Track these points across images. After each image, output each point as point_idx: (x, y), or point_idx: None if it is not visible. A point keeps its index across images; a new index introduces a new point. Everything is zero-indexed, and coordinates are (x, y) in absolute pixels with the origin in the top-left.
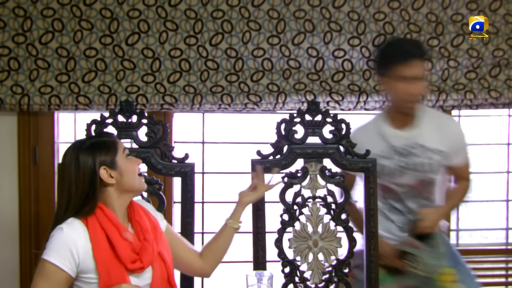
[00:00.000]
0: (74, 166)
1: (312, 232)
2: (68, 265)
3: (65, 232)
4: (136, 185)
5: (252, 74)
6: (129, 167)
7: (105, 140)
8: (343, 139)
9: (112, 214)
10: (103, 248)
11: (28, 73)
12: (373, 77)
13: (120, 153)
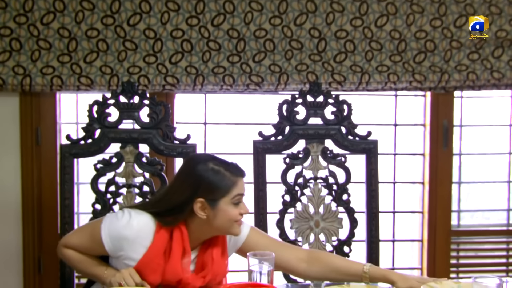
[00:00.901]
0: (188, 174)
1: (314, 213)
2: (111, 248)
3: (130, 225)
4: (226, 230)
5: (254, 55)
6: (229, 214)
7: (224, 178)
8: (345, 120)
9: (187, 238)
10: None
11: (30, 54)
12: (375, 58)
13: (229, 198)
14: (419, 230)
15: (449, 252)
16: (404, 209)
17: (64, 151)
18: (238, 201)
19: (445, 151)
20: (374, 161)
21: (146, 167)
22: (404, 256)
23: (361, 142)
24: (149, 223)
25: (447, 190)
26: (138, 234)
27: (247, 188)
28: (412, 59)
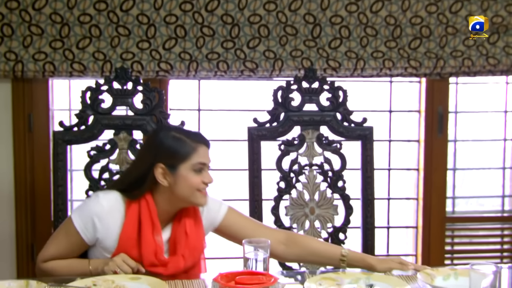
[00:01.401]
0: (150, 142)
1: (309, 200)
2: (86, 233)
3: (99, 203)
4: (189, 199)
5: (249, 40)
6: (189, 181)
7: (183, 144)
8: (340, 107)
9: (154, 210)
10: (131, 238)
11: (22, 40)
12: (370, 44)
13: (188, 164)
14: (414, 217)
15: (444, 239)
16: (399, 195)
17: (57, 138)
18: (199, 169)
19: (440, 138)
20: (370, 148)
21: None
22: (398, 243)
23: (357, 128)
24: (118, 199)
25: (442, 177)
26: (109, 210)
27: (242, 175)
28: (407, 45)
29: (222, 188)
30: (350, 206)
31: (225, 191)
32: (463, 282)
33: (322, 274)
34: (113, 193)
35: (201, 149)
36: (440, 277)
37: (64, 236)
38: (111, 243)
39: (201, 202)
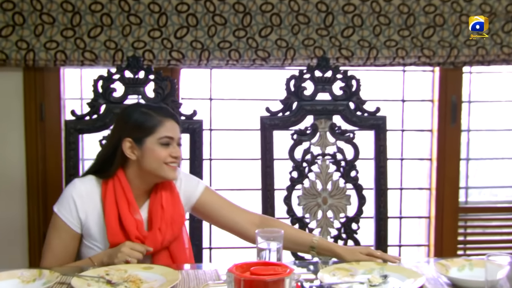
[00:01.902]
0: (118, 120)
1: (321, 190)
2: (71, 219)
3: (75, 186)
4: (157, 172)
5: (261, 29)
6: (156, 154)
7: (149, 117)
8: (354, 96)
9: (128, 187)
10: (113, 219)
11: (33, 28)
12: (383, 33)
13: (154, 137)
14: (427, 207)
15: (457, 229)
16: (412, 185)
17: (69, 127)
18: (166, 142)
19: (453, 127)
20: (383, 137)
21: None
22: (411, 233)
23: (370, 118)
24: (93, 181)
25: (455, 167)
26: (86, 192)
27: (255, 164)
28: (420, 34)
29: (235, 177)
30: (363, 196)
31: (237, 181)
32: (478, 273)
33: (336, 264)
34: (87, 177)
35: (168, 123)
36: (455, 268)
37: (55, 236)
38: (96, 229)
39: (169, 175)
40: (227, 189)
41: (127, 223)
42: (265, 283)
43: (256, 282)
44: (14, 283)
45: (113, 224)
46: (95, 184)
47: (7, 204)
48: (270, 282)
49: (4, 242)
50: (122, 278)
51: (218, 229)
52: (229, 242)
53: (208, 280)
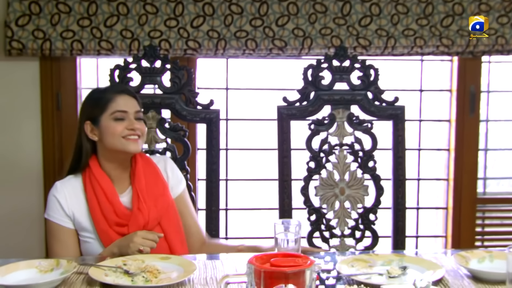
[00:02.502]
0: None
1: (339, 180)
2: (62, 219)
3: (57, 187)
4: (118, 148)
5: (277, 18)
6: (111, 129)
7: (101, 96)
8: (372, 85)
9: (101, 174)
10: (96, 208)
11: (50, 18)
12: (401, 22)
13: (107, 114)
14: (444, 198)
15: (475, 220)
16: (429, 176)
17: None
18: (119, 117)
19: (472, 118)
20: (401, 128)
21: (169, 133)
22: (428, 224)
23: (388, 107)
24: (72, 178)
25: (473, 157)
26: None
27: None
28: (439, 23)
29: (251, 168)
30: (381, 186)
31: (254, 171)
32: (499, 265)
33: (354, 255)
34: (66, 177)
35: (119, 97)
36: (474, 259)
37: (53, 241)
38: (86, 221)
39: (129, 148)
40: (244, 179)
41: (106, 210)
42: (285, 275)
43: (276, 274)
44: (32, 272)
45: (97, 213)
46: (75, 180)
47: (24, 193)
48: (290, 274)
49: (21, 231)
50: (139, 268)
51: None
52: (245, 232)
53: (225, 270)
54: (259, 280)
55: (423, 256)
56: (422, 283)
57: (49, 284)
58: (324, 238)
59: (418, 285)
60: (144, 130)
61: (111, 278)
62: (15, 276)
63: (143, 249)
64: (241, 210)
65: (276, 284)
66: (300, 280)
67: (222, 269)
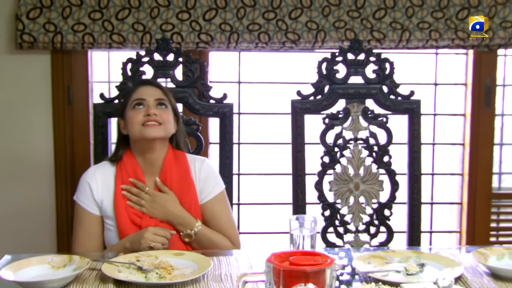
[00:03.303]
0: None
1: (354, 175)
2: (90, 205)
3: (90, 172)
4: (139, 135)
5: (291, 11)
6: (130, 118)
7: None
8: (387, 79)
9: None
10: (121, 198)
11: (61, 11)
12: (416, 15)
13: (129, 104)
14: (459, 193)
15: (489, 216)
16: (444, 171)
17: (98, 110)
18: (137, 103)
19: (487, 112)
20: (417, 122)
21: None
22: (442, 219)
23: (404, 102)
24: (107, 165)
25: (489, 152)
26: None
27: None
28: (454, 16)
29: (265, 162)
30: (396, 181)
31: (267, 165)
32: None
33: (370, 252)
34: (102, 162)
35: (140, 88)
36: (493, 256)
37: (78, 225)
38: (109, 208)
39: (147, 134)
40: (257, 174)
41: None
42: (305, 274)
43: (296, 273)
44: (44, 268)
45: (120, 200)
46: (109, 168)
47: (36, 187)
48: (311, 273)
49: (33, 225)
50: (153, 265)
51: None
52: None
53: (240, 267)
54: (278, 279)
55: (440, 253)
56: (444, 283)
57: (61, 280)
58: (338, 233)
59: (441, 284)
60: (166, 117)
61: (124, 274)
62: (28, 272)
63: (154, 245)
64: (253, 205)
65: (296, 283)
66: (320, 279)
67: (236, 265)
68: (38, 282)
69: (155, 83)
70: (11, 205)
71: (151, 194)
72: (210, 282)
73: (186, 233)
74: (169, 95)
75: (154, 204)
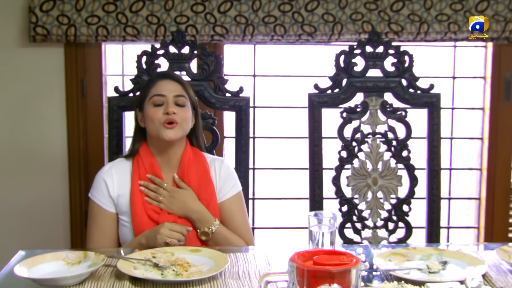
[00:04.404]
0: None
1: (372, 170)
2: (105, 202)
3: (106, 169)
4: (157, 134)
5: (307, 3)
6: (149, 115)
7: (148, 81)
8: (406, 72)
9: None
10: (138, 192)
11: (74, 3)
12: (434, 7)
13: (148, 99)
14: (477, 188)
15: (508, 211)
16: (461, 165)
17: (113, 104)
18: (158, 102)
19: (507, 105)
20: (437, 116)
21: None
22: (460, 215)
23: (423, 95)
24: (123, 161)
25: (508, 146)
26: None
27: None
28: (474, 8)
29: (281, 156)
30: (415, 176)
31: (284, 160)
32: None
33: (391, 249)
34: (118, 159)
35: (161, 82)
36: None
37: (92, 223)
38: (125, 204)
39: (165, 136)
40: (273, 168)
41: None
42: (330, 274)
43: (320, 273)
44: (59, 265)
45: (137, 196)
46: (125, 164)
47: (49, 181)
48: (336, 273)
49: (46, 220)
50: (169, 261)
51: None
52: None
53: (257, 264)
54: (301, 279)
55: (462, 250)
56: (473, 283)
57: (76, 277)
58: (356, 229)
59: (469, 284)
60: (185, 116)
61: (140, 271)
62: (42, 268)
63: (170, 241)
64: (269, 199)
65: (320, 283)
66: (345, 279)
67: (254, 262)
68: (52, 279)
69: (174, 76)
70: (24, 199)
71: (170, 190)
72: (227, 280)
73: (204, 231)
74: (188, 89)
75: (173, 200)
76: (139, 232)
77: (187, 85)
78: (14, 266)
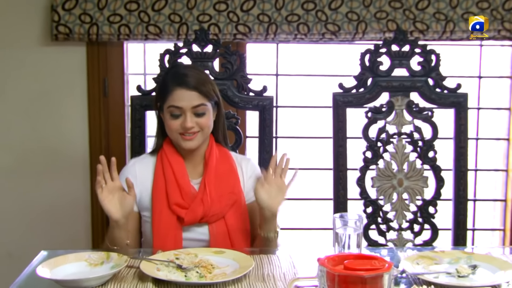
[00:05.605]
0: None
1: (397, 171)
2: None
3: (129, 166)
4: (174, 141)
5: (330, 1)
6: (167, 124)
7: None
8: (433, 72)
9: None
10: (160, 185)
11: (97, 1)
12: (460, 5)
13: (166, 106)
14: (503, 190)
15: None
16: (487, 167)
17: (135, 103)
18: (174, 112)
19: None
20: (464, 116)
21: None
22: (485, 216)
23: (450, 95)
24: (147, 157)
25: None
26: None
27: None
28: (501, 6)
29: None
30: (441, 178)
31: (307, 160)
32: None
33: (418, 252)
34: (143, 155)
35: (177, 91)
36: None
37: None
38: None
39: (185, 146)
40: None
41: (171, 189)
42: (362, 280)
43: (352, 278)
44: (81, 265)
45: (159, 191)
46: (149, 159)
47: (71, 181)
48: (368, 279)
49: (68, 220)
50: (192, 263)
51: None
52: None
53: (282, 266)
54: (332, 283)
55: (492, 253)
56: None
57: (99, 279)
58: (380, 231)
59: None
60: (205, 123)
61: (164, 273)
62: (64, 269)
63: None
64: (292, 200)
65: None
66: (378, 285)
67: (278, 265)
68: (75, 281)
69: (190, 82)
70: (46, 199)
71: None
72: (252, 282)
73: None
74: (207, 87)
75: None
76: (158, 227)
77: (204, 86)
78: (37, 267)
